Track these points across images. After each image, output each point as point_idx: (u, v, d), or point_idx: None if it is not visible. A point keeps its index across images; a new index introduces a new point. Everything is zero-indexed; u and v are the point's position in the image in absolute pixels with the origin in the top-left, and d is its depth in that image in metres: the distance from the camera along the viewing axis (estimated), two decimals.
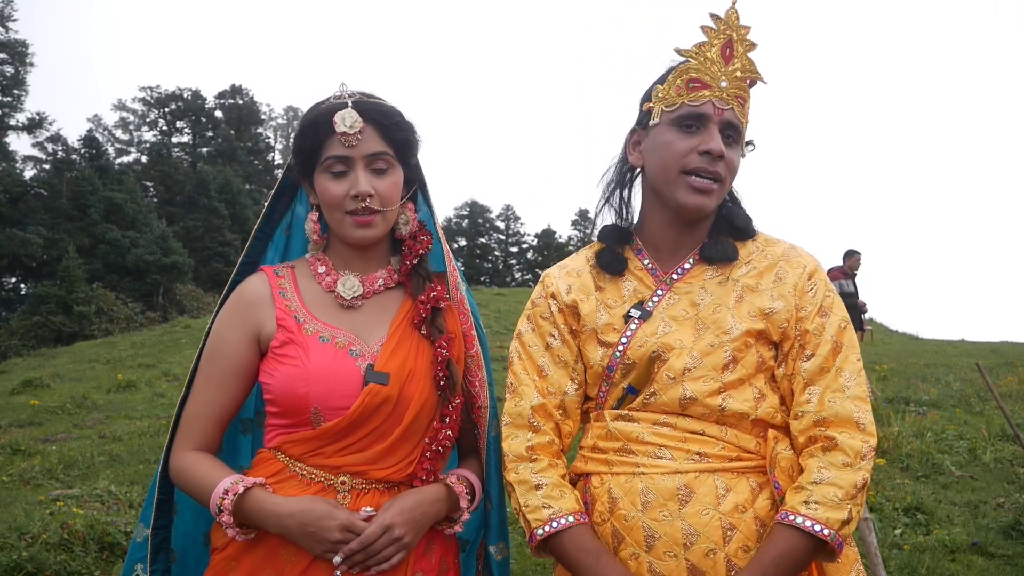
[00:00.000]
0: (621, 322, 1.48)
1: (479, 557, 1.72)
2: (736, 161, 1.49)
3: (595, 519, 1.45)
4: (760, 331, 1.43)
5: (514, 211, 60.78)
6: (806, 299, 1.45)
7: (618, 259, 1.54)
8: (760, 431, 1.43)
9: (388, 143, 1.50)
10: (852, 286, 11.54)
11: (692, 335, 1.44)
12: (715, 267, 1.50)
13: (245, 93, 53.54)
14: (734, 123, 1.46)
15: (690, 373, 1.41)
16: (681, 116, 1.46)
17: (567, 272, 1.60)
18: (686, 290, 1.49)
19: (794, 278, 1.47)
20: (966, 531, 4.86)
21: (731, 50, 1.48)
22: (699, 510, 1.36)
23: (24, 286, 34.68)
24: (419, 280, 1.58)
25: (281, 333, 1.48)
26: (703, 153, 1.44)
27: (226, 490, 1.40)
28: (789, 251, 1.52)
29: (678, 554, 1.35)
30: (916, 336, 21.39)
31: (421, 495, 1.47)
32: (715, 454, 1.40)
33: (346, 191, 1.47)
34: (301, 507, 1.38)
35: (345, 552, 1.37)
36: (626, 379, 1.46)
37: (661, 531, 1.36)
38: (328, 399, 1.43)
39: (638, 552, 1.38)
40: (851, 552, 1.41)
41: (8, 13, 30.94)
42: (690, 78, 1.47)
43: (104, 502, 5.11)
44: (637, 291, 1.51)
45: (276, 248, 1.69)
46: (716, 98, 1.45)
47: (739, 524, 1.36)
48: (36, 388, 10.85)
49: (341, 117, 1.45)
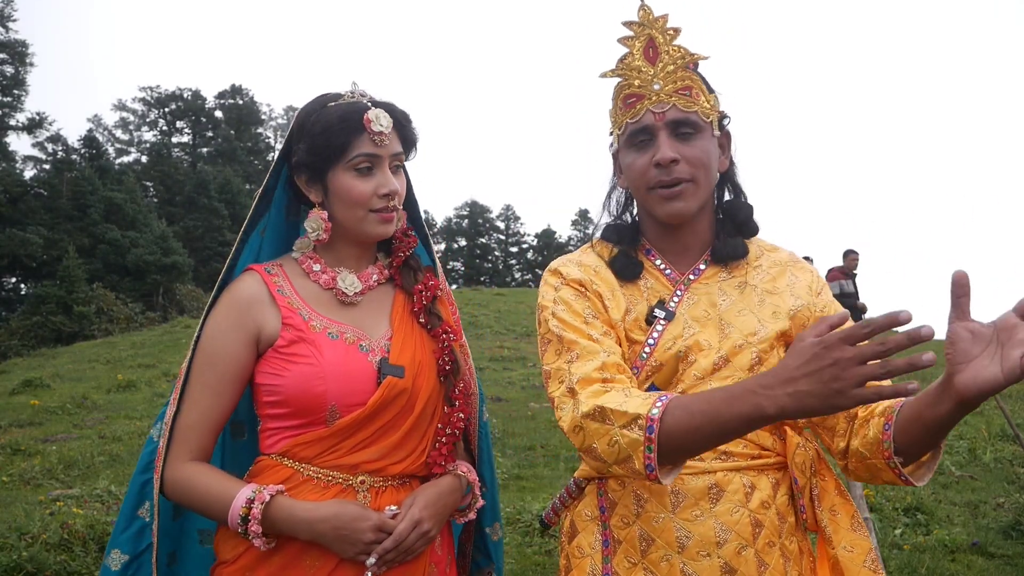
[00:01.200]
0: (644, 322, 1.46)
1: (464, 541, 1.76)
2: (702, 153, 1.42)
3: (615, 523, 1.43)
4: (784, 331, 1.44)
5: (514, 211, 60.91)
6: (821, 299, 1.49)
7: (633, 263, 1.51)
8: (777, 430, 1.44)
9: (403, 144, 1.54)
10: (852, 286, 11.54)
11: (718, 335, 1.43)
12: (728, 268, 1.50)
13: (245, 93, 53.64)
14: (681, 119, 1.41)
15: (718, 373, 1.41)
16: (630, 136, 1.45)
17: (582, 267, 1.52)
18: (704, 291, 1.48)
19: (806, 280, 1.50)
20: (966, 531, 4.86)
21: (654, 49, 1.43)
22: (730, 508, 1.36)
23: (24, 286, 34.70)
24: (410, 273, 1.60)
25: (288, 331, 1.46)
26: (656, 165, 1.41)
27: (249, 499, 1.36)
28: (793, 257, 1.56)
29: (711, 553, 1.35)
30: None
31: (439, 487, 1.49)
32: (739, 452, 1.40)
33: (373, 189, 1.48)
34: (334, 511, 1.37)
35: (379, 551, 1.38)
36: (650, 379, 1.44)
37: (694, 531, 1.36)
38: (345, 396, 1.43)
39: (670, 554, 1.36)
40: (865, 542, 1.41)
41: (8, 13, 30.98)
42: (625, 95, 1.44)
43: (104, 502, 5.12)
44: (654, 289, 1.49)
45: (251, 249, 1.65)
46: (653, 104, 1.41)
47: (765, 520, 1.38)
48: (36, 388, 10.85)
49: (376, 116, 1.47)
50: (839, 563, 1.38)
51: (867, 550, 1.41)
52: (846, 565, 1.38)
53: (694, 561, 1.35)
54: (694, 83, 1.43)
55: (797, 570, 1.39)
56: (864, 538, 1.42)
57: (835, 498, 1.45)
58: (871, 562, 1.40)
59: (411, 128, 1.56)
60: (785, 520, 1.40)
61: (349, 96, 1.51)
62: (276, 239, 1.66)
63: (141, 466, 1.55)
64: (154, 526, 1.51)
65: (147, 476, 1.52)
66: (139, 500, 1.55)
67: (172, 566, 1.62)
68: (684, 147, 1.41)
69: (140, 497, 1.54)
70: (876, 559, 1.41)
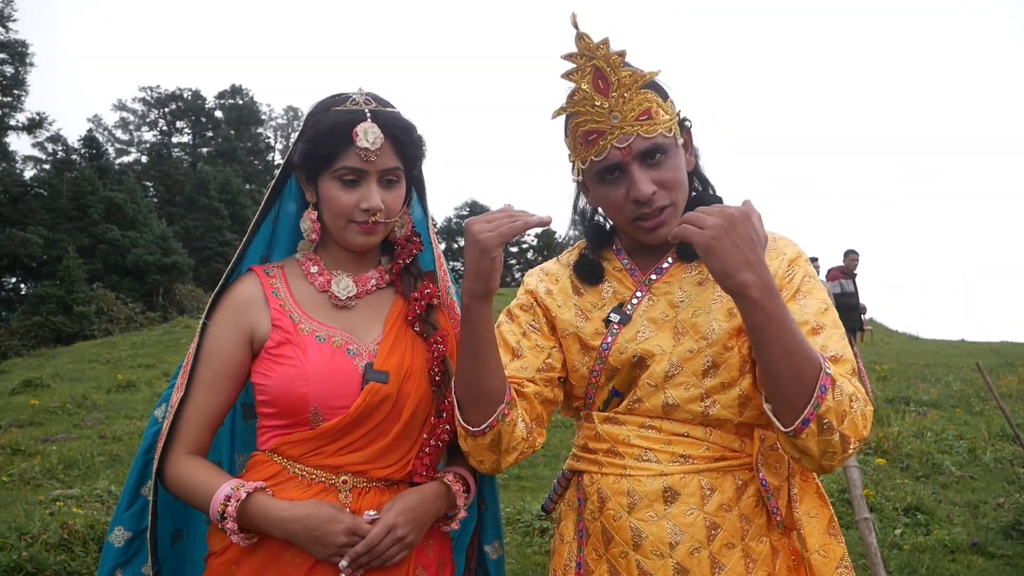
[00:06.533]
0: (602, 326, 1.47)
1: (470, 556, 1.73)
2: (675, 172, 1.40)
3: (587, 515, 1.47)
4: (740, 327, 1.40)
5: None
6: (783, 283, 1.41)
7: (595, 267, 1.53)
8: (745, 431, 1.43)
9: (401, 159, 1.50)
10: (852, 286, 11.54)
11: (671, 340, 1.43)
12: (694, 263, 1.48)
13: (245, 93, 53.56)
14: (648, 148, 1.36)
15: (671, 380, 1.41)
16: (598, 173, 1.41)
17: (547, 275, 1.59)
18: (665, 291, 1.47)
19: (773, 267, 1.42)
20: (966, 531, 4.86)
21: (603, 79, 1.35)
22: (684, 510, 1.37)
23: (24, 286, 34.64)
24: (410, 279, 1.60)
25: (277, 333, 1.48)
26: (634, 202, 1.39)
27: (227, 496, 1.39)
28: (770, 242, 1.47)
29: (664, 553, 1.36)
30: (916, 336, 21.40)
31: (422, 493, 1.48)
32: (700, 455, 1.40)
33: (356, 202, 1.47)
34: (307, 512, 1.38)
35: (351, 555, 1.37)
36: (610, 383, 1.46)
37: (648, 531, 1.38)
38: (328, 399, 1.43)
39: (627, 551, 1.39)
40: (838, 547, 1.42)
41: (8, 13, 30.91)
42: (584, 131, 1.39)
43: (104, 502, 5.12)
44: (617, 293, 1.51)
45: (263, 239, 1.67)
46: (616, 139, 1.36)
47: (723, 523, 1.38)
48: (36, 388, 10.86)
49: (363, 131, 1.44)
50: (812, 567, 1.38)
51: (840, 556, 1.41)
52: (819, 570, 1.39)
53: (648, 560, 1.37)
54: (651, 102, 1.37)
55: (766, 570, 1.38)
56: (839, 544, 1.42)
57: (814, 501, 1.45)
58: (844, 569, 1.40)
59: (414, 144, 1.52)
60: (751, 522, 1.39)
61: (351, 103, 1.48)
62: (294, 229, 1.66)
63: (145, 446, 1.58)
64: (150, 506, 1.55)
65: (150, 456, 1.55)
66: (142, 479, 1.58)
67: (176, 545, 1.66)
68: (657, 174, 1.39)
69: (143, 476, 1.58)
70: (849, 566, 1.42)
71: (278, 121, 57.70)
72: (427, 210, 1.68)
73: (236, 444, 1.71)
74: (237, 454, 1.71)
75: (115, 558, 1.56)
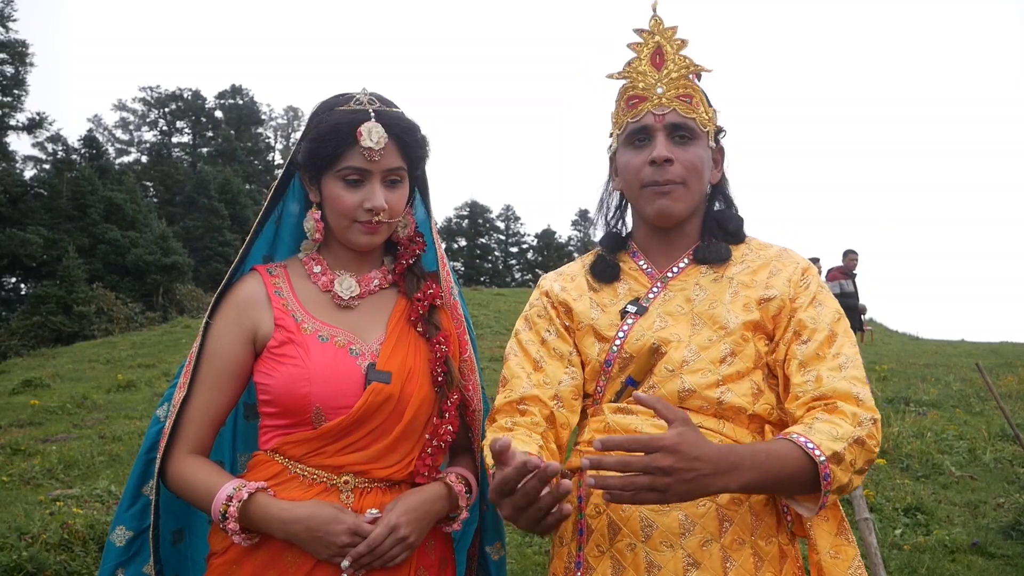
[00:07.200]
0: (618, 318, 1.50)
1: (471, 556, 1.73)
2: (696, 158, 1.49)
3: (589, 512, 1.47)
4: (756, 322, 1.45)
5: (514, 211, 60.74)
6: (799, 290, 1.47)
7: (610, 267, 1.58)
8: (757, 426, 1.44)
9: (404, 159, 1.51)
10: (852, 286, 11.55)
11: (689, 329, 1.46)
12: (709, 266, 1.53)
13: (245, 93, 53.60)
14: (679, 123, 1.48)
15: (688, 366, 1.43)
16: (629, 134, 1.52)
17: (562, 276, 1.64)
18: (680, 287, 1.51)
19: (788, 272, 1.50)
20: (966, 531, 4.86)
21: (661, 56, 1.51)
22: (696, 500, 1.36)
23: (24, 286, 34.64)
24: (413, 279, 1.60)
25: (279, 333, 1.48)
26: (651, 163, 1.47)
27: (229, 496, 1.39)
28: (782, 252, 1.56)
29: (675, 544, 1.36)
30: (916, 336, 21.37)
31: (424, 494, 1.48)
32: None
33: (359, 202, 1.47)
34: (308, 512, 1.38)
35: (353, 555, 1.37)
36: (624, 372, 1.47)
37: (658, 521, 1.37)
38: (330, 398, 1.43)
39: (635, 543, 1.38)
40: (850, 548, 1.41)
41: (8, 13, 30.89)
42: (629, 96, 1.53)
43: (104, 502, 5.11)
44: (632, 290, 1.54)
45: (265, 239, 1.67)
46: (654, 106, 1.49)
47: (735, 516, 1.38)
48: (36, 388, 10.84)
49: (368, 131, 1.44)
50: (823, 569, 1.37)
51: (851, 557, 1.40)
52: (830, 571, 1.37)
53: (657, 552, 1.36)
54: (695, 93, 1.51)
55: (772, 572, 1.37)
56: (850, 544, 1.41)
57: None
58: (855, 569, 1.39)
59: (417, 144, 1.52)
60: (761, 519, 1.40)
61: (355, 103, 1.48)
62: (297, 229, 1.66)
63: (147, 446, 1.59)
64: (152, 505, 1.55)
65: (152, 455, 1.55)
66: (144, 478, 1.59)
67: (178, 544, 1.66)
68: (679, 150, 1.48)
69: (145, 475, 1.59)
70: (860, 566, 1.41)
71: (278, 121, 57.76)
72: (430, 210, 1.68)
73: (238, 444, 1.71)
74: (239, 454, 1.71)
75: (116, 557, 1.57)
